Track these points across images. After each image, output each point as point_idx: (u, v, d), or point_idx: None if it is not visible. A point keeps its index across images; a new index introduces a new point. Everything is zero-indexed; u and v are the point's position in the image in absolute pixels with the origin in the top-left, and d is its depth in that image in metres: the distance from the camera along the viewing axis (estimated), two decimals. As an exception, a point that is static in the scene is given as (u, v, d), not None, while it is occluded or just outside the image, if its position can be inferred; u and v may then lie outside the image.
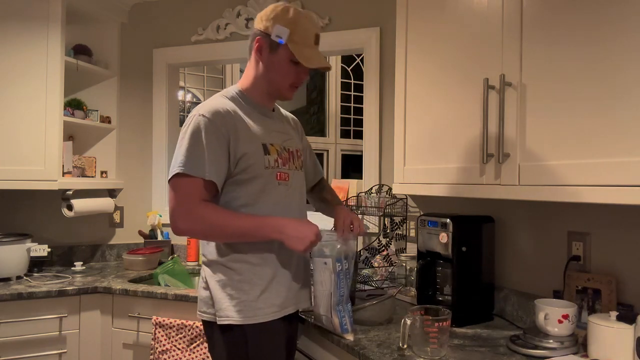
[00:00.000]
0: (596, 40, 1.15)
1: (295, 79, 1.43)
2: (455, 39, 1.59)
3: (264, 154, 1.40)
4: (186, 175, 1.31)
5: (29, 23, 2.35)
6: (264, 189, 1.40)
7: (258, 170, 1.38)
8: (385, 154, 2.39)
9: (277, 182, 1.42)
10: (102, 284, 2.24)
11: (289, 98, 1.49)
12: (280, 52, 1.39)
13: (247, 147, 1.37)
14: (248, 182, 1.38)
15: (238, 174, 1.37)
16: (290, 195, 1.47)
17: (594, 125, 1.16)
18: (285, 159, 1.46)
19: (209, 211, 1.33)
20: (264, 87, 1.46)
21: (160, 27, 2.87)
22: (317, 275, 1.46)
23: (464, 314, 1.63)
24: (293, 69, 1.41)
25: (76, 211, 2.51)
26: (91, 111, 2.72)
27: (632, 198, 1.06)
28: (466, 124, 1.54)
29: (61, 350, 2.17)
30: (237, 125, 1.37)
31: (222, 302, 1.38)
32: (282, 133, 1.51)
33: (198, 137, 1.32)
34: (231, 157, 1.35)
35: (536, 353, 1.32)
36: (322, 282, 1.44)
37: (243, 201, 1.39)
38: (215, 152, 1.33)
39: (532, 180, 1.30)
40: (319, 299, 1.47)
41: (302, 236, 1.33)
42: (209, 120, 1.33)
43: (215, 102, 1.39)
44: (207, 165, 1.32)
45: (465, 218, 1.68)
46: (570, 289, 1.50)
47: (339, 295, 1.43)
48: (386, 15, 2.36)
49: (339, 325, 1.43)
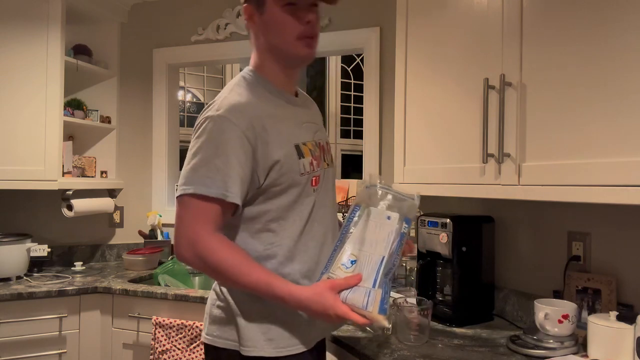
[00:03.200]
0: (596, 40, 1.15)
1: (298, 28, 1.14)
2: (455, 38, 1.59)
3: (298, 157, 1.13)
4: (200, 195, 1.05)
5: (29, 23, 2.35)
6: (298, 200, 1.14)
7: (292, 179, 1.12)
8: (385, 154, 2.39)
9: (312, 189, 1.17)
10: (102, 284, 2.24)
11: (305, 55, 1.17)
12: (268, 6, 1.13)
13: (279, 152, 1.10)
14: (280, 194, 1.13)
15: (269, 187, 1.11)
16: (321, 201, 1.20)
17: (593, 125, 1.16)
18: (319, 157, 1.20)
19: (220, 250, 1.07)
20: (275, 61, 1.18)
21: (160, 27, 2.87)
22: (365, 230, 1.09)
23: (464, 314, 1.63)
24: (289, 17, 1.13)
25: (76, 211, 2.51)
26: (91, 111, 2.71)
27: (632, 198, 1.06)
28: (466, 123, 1.54)
29: (61, 350, 2.17)
30: (266, 123, 1.09)
31: (249, 328, 1.13)
32: (312, 124, 1.24)
33: (218, 145, 1.05)
34: (260, 167, 1.09)
35: (536, 353, 1.32)
36: (375, 242, 1.08)
37: (273, 215, 1.13)
38: (241, 165, 1.06)
39: (532, 180, 1.30)
40: (360, 263, 1.07)
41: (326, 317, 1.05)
42: (229, 122, 1.06)
43: (234, 98, 1.10)
44: (230, 183, 1.05)
45: (465, 218, 1.68)
46: (570, 289, 1.50)
47: (392, 263, 1.07)
48: (386, 15, 2.36)
49: (380, 303, 1.03)
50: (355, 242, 1.08)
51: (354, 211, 1.12)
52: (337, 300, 1.03)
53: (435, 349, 1.39)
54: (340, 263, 1.08)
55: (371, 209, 1.10)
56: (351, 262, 1.07)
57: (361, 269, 1.06)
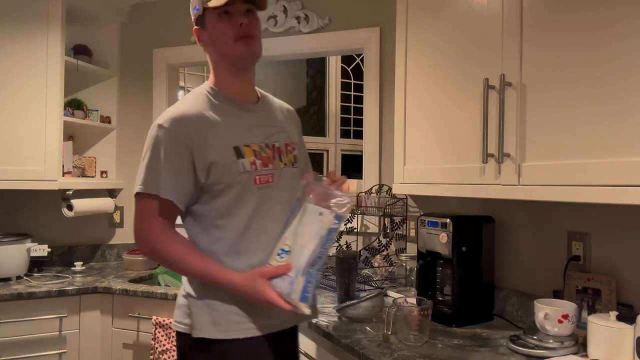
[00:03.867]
0: (596, 40, 1.15)
1: (234, 31, 1.27)
2: (455, 38, 1.59)
3: (237, 158, 1.25)
4: (145, 194, 1.23)
5: (29, 23, 2.35)
6: (241, 197, 1.25)
7: (231, 178, 1.24)
8: (385, 154, 2.39)
9: (256, 188, 1.26)
10: (102, 284, 2.24)
11: (245, 53, 1.29)
12: (207, 21, 1.30)
13: (215, 153, 1.23)
14: (223, 192, 1.24)
15: (211, 186, 1.24)
16: (275, 199, 1.29)
17: (593, 125, 1.16)
18: (267, 158, 1.30)
19: (167, 244, 1.23)
20: (224, 67, 1.33)
21: (160, 27, 2.87)
22: (300, 224, 1.21)
23: (464, 314, 1.63)
24: (225, 23, 1.27)
25: (76, 211, 2.51)
26: (91, 111, 2.72)
27: (632, 198, 1.06)
28: (466, 123, 1.54)
29: (61, 350, 2.17)
30: (203, 130, 1.24)
31: (198, 313, 1.25)
32: (266, 127, 1.35)
33: (156, 151, 1.23)
34: (198, 168, 1.23)
35: (536, 353, 1.32)
36: (303, 234, 1.19)
37: (219, 212, 1.26)
38: (175, 166, 1.22)
39: (532, 180, 1.30)
40: (292, 254, 1.19)
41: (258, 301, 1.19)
42: (167, 130, 1.22)
43: (177, 108, 1.27)
44: (162, 183, 1.21)
45: (465, 218, 1.68)
46: (570, 289, 1.50)
47: (317, 255, 1.17)
48: (386, 15, 2.36)
49: (301, 291, 1.16)
50: (291, 234, 1.20)
51: (295, 206, 1.23)
52: (266, 287, 1.17)
53: (435, 349, 1.39)
54: (275, 253, 1.20)
55: (307, 205, 1.21)
56: (284, 252, 1.19)
57: (291, 260, 1.18)
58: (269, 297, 1.16)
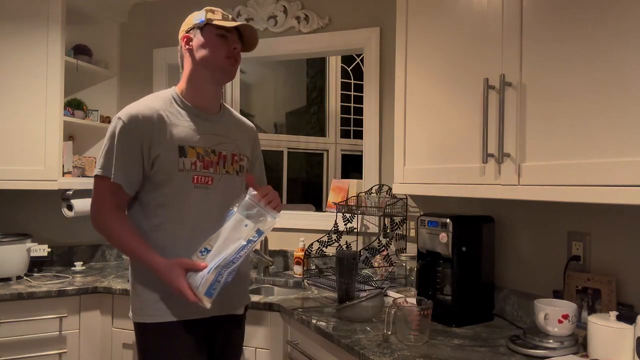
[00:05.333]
0: (596, 40, 1.16)
1: (228, 49, 1.45)
2: (455, 38, 1.59)
3: (179, 156, 1.40)
4: (101, 176, 1.40)
5: (29, 23, 2.35)
6: (179, 191, 1.41)
7: (171, 173, 1.40)
8: (385, 154, 2.39)
9: (193, 186, 1.42)
10: (102, 284, 2.24)
11: (230, 72, 1.49)
12: (206, 31, 1.45)
13: (161, 149, 1.39)
14: (163, 184, 1.41)
15: (153, 175, 1.40)
16: (212, 200, 1.45)
17: (593, 125, 1.16)
18: (210, 162, 1.45)
19: (112, 221, 1.40)
20: (203, 75, 1.47)
21: (160, 27, 2.86)
22: (228, 230, 1.34)
23: (464, 314, 1.63)
24: (221, 41, 1.45)
25: (76, 211, 2.51)
26: (91, 111, 2.71)
27: (632, 198, 1.06)
28: (466, 123, 1.54)
29: (61, 350, 2.17)
30: (155, 127, 1.40)
31: (132, 300, 1.45)
32: (217, 136, 1.50)
33: (112, 140, 1.39)
34: (145, 160, 1.39)
35: (536, 353, 1.32)
36: (226, 239, 1.33)
37: (159, 201, 1.42)
38: (126, 155, 1.38)
39: (532, 180, 1.30)
40: (211, 253, 1.33)
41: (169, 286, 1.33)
42: (124, 123, 1.38)
43: (138, 105, 1.43)
44: (114, 169, 1.38)
45: (465, 218, 1.68)
46: (570, 289, 1.50)
47: (231, 259, 1.31)
48: (386, 15, 2.36)
49: (208, 286, 1.30)
50: (216, 236, 1.34)
51: (229, 213, 1.36)
52: (180, 276, 1.31)
53: (435, 349, 1.39)
54: (198, 250, 1.34)
55: (237, 215, 1.35)
56: (206, 251, 1.33)
57: (209, 259, 1.32)
58: (180, 285, 1.30)
